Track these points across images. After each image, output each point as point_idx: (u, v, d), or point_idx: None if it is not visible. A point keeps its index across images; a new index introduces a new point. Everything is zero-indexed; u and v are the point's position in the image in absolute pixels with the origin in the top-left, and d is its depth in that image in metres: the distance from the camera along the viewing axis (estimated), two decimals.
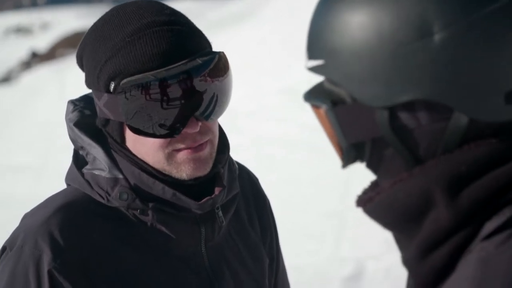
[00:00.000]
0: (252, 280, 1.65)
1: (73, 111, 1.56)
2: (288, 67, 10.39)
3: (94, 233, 1.49)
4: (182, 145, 1.48)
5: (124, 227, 1.51)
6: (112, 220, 1.51)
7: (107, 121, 1.51)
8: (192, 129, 1.46)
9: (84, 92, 1.62)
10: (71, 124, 1.55)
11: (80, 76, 1.56)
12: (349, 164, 1.10)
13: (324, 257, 5.49)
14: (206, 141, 1.50)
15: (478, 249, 0.98)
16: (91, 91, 1.55)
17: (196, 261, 1.56)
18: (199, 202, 1.50)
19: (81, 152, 1.55)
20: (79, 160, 1.55)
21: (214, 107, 1.48)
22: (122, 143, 1.51)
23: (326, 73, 1.05)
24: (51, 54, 19.42)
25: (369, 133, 1.05)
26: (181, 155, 1.48)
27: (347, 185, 6.45)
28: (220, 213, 1.56)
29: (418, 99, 1.00)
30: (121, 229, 1.51)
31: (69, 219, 1.48)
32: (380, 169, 1.08)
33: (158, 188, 1.50)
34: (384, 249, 5.22)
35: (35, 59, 19.78)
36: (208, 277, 1.57)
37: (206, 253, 1.57)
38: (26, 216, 1.54)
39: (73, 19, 25.37)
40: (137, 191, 1.50)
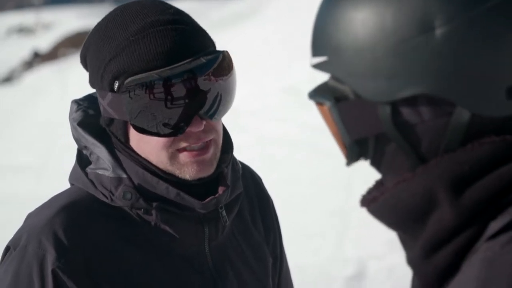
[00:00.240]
0: (256, 279, 1.65)
1: (77, 110, 1.56)
2: (289, 66, 10.40)
3: (98, 233, 1.49)
4: (185, 143, 1.48)
5: (127, 226, 1.51)
6: (115, 220, 1.51)
7: (111, 121, 1.50)
8: (196, 128, 1.46)
9: (86, 92, 1.62)
10: (75, 124, 1.55)
11: (82, 76, 1.56)
12: (353, 161, 1.10)
13: (326, 257, 5.49)
14: (210, 141, 1.50)
15: (483, 249, 0.98)
16: (94, 91, 1.55)
17: (199, 260, 1.56)
18: (202, 202, 1.50)
19: (84, 151, 1.55)
20: (82, 160, 1.55)
21: (218, 106, 1.48)
22: (126, 142, 1.51)
23: (330, 70, 1.05)
24: (53, 54, 19.45)
25: (372, 129, 1.05)
26: (184, 157, 1.48)
27: (348, 185, 6.46)
28: (224, 213, 1.56)
29: (420, 94, 1.00)
30: (124, 228, 1.51)
31: (72, 218, 1.48)
32: (383, 166, 1.08)
33: (162, 188, 1.50)
34: (387, 249, 5.22)
35: (37, 59, 19.81)
36: (212, 276, 1.57)
37: (210, 253, 1.57)
38: (30, 216, 1.53)
39: (75, 19, 25.42)
40: (140, 190, 1.50)
